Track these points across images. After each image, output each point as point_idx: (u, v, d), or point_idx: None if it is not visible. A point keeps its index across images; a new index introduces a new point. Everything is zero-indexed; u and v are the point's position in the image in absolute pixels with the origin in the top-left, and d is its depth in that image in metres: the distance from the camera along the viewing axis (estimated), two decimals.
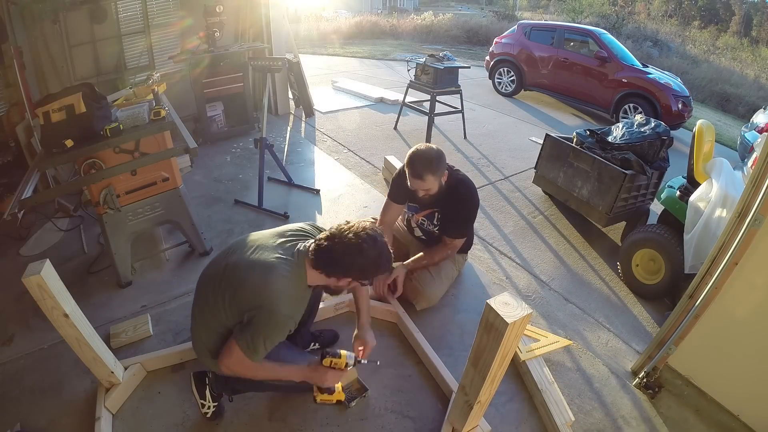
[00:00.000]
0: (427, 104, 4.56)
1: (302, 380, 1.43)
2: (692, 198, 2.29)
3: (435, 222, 2.17)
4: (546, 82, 6.65)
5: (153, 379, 1.71)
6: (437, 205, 2.11)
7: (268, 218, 2.92)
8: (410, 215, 2.27)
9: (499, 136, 4.99)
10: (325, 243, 1.30)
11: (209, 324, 1.37)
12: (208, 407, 1.53)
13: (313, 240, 1.37)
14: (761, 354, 1.61)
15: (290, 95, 5.12)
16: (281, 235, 1.44)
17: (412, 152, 1.90)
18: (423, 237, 2.28)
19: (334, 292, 1.44)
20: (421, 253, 2.18)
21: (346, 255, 1.28)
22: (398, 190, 2.14)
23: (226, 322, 1.32)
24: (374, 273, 1.37)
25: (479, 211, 3.25)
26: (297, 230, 1.48)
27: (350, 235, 1.30)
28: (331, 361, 1.42)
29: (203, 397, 1.52)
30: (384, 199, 2.30)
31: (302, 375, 1.42)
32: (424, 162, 1.86)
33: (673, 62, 11.86)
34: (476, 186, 2.20)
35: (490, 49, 7.45)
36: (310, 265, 1.34)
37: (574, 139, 3.14)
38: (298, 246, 1.39)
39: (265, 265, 1.31)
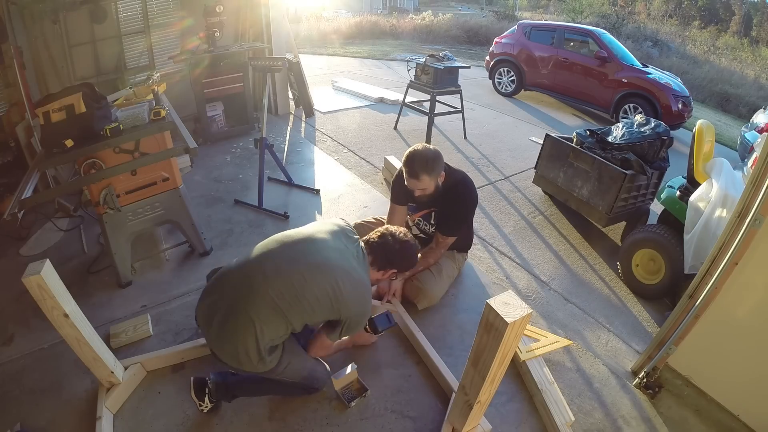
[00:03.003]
0: (427, 104, 4.56)
1: (351, 346, 1.87)
2: (692, 198, 2.29)
3: (432, 222, 2.17)
4: (546, 82, 6.65)
5: (153, 379, 1.71)
6: (435, 205, 2.12)
7: (268, 218, 2.92)
8: (408, 214, 2.27)
9: (499, 136, 4.99)
10: (381, 241, 1.59)
11: (274, 323, 1.36)
12: (205, 407, 1.55)
13: (364, 242, 1.62)
14: (761, 354, 1.61)
15: (290, 95, 5.12)
16: (338, 235, 1.57)
17: (409, 152, 1.93)
18: (422, 235, 2.29)
19: (374, 283, 1.68)
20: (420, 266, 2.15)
21: (399, 251, 1.58)
22: (398, 191, 2.15)
23: (308, 319, 1.44)
24: (410, 264, 1.67)
25: (479, 210, 3.28)
26: (338, 228, 1.61)
27: (399, 234, 1.61)
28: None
29: (201, 400, 1.54)
30: (384, 198, 2.31)
31: (347, 344, 1.87)
32: (420, 162, 1.89)
33: (673, 62, 11.85)
34: (476, 186, 2.20)
35: (490, 49, 7.45)
36: (369, 264, 1.58)
37: (574, 139, 3.14)
38: (360, 250, 1.58)
39: (352, 274, 1.46)
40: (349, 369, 1.71)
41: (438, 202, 2.09)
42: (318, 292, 1.38)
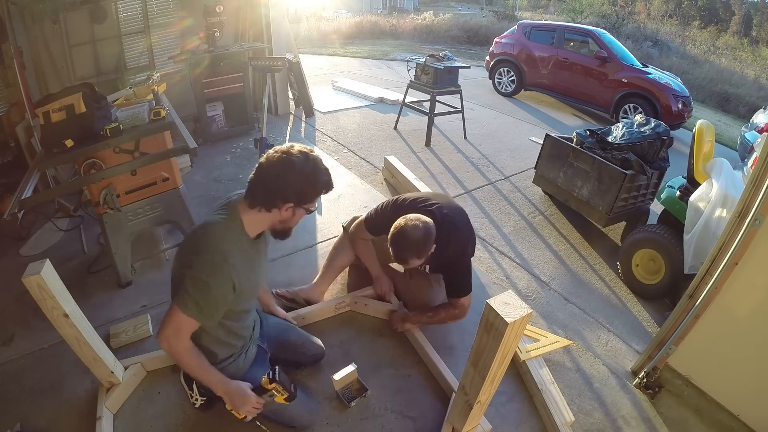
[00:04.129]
0: (427, 104, 4.56)
1: (220, 394, 1.30)
2: (692, 198, 2.29)
3: (424, 269, 1.99)
4: (546, 82, 6.65)
5: (153, 379, 1.71)
6: (425, 263, 1.88)
7: None
8: None
9: (499, 136, 4.99)
10: (255, 173, 1.23)
11: None
12: (196, 398, 1.50)
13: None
14: (761, 354, 1.61)
15: (290, 95, 5.12)
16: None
17: (397, 233, 1.65)
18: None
19: (282, 231, 1.33)
20: (430, 312, 1.96)
21: (278, 176, 1.19)
22: (378, 226, 1.95)
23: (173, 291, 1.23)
24: (313, 190, 1.26)
25: (480, 211, 3.28)
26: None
27: (277, 155, 1.20)
28: (274, 388, 1.30)
29: (191, 388, 1.49)
30: (383, 198, 2.27)
31: (222, 389, 1.29)
32: (409, 247, 1.64)
33: (673, 62, 11.86)
34: (476, 186, 2.19)
35: (490, 49, 7.45)
36: (248, 208, 1.25)
37: (574, 139, 3.14)
38: (230, 197, 1.32)
39: (200, 225, 1.26)
40: (349, 369, 1.70)
41: (430, 262, 1.88)
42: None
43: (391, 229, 1.68)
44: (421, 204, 1.87)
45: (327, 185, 1.29)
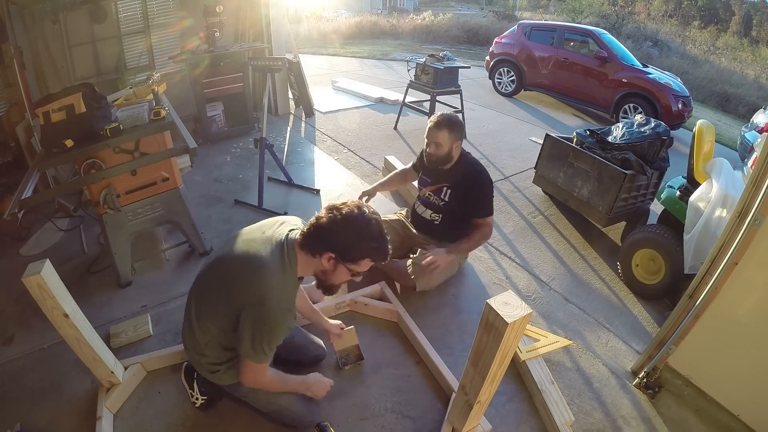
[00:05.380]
0: (427, 104, 4.56)
1: (302, 391, 1.49)
2: (692, 198, 2.29)
3: (443, 197, 2.23)
4: (546, 82, 6.66)
5: (153, 379, 1.71)
6: (448, 180, 2.20)
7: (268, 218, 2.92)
8: (420, 189, 2.38)
9: (499, 136, 4.99)
10: (315, 219, 1.23)
11: (209, 329, 1.29)
12: (196, 398, 1.54)
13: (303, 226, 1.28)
14: (761, 354, 1.61)
15: (290, 95, 5.12)
16: (270, 225, 1.37)
17: (440, 113, 2.13)
18: (425, 217, 2.30)
19: (324, 283, 1.32)
20: (464, 242, 2.19)
21: (330, 226, 1.19)
22: (419, 161, 2.39)
23: (225, 325, 1.25)
24: (359, 246, 1.22)
25: None
26: (283, 220, 1.41)
27: (346, 209, 1.21)
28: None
29: (191, 387, 1.54)
30: (384, 198, 2.32)
31: (304, 387, 1.49)
32: (446, 119, 2.08)
33: (673, 62, 11.86)
34: None
35: (490, 49, 7.45)
36: (299, 248, 1.25)
37: (574, 139, 3.14)
38: (288, 233, 1.29)
39: (256, 257, 1.22)
40: (350, 330, 1.79)
41: (451, 179, 2.20)
42: (219, 287, 1.25)
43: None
44: None
45: (376, 251, 1.24)
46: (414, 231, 2.38)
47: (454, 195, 2.21)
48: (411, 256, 2.20)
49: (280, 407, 1.45)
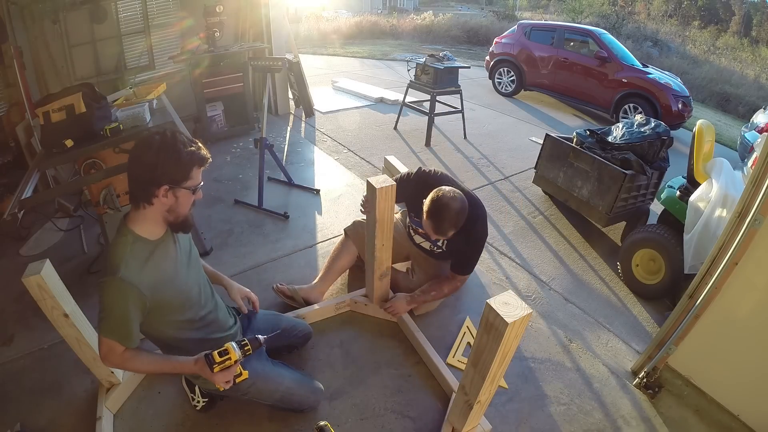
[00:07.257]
0: (427, 104, 4.56)
1: (192, 372, 1.24)
2: (692, 198, 2.29)
3: (438, 244, 2.05)
4: (546, 82, 6.65)
5: (153, 379, 1.71)
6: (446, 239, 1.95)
7: (268, 218, 2.92)
8: (411, 226, 2.13)
9: (499, 136, 4.99)
10: (127, 172, 1.18)
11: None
12: (198, 401, 1.54)
13: None
14: (761, 354, 1.61)
15: (290, 95, 5.12)
16: None
17: (439, 204, 1.68)
18: (424, 246, 2.15)
19: (177, 223, 1.24)
20: (427, 284, 2.06)
21: (139, 163, 1.15)
22: (400, 194, 1.88)
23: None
24: (178, 163, 1.15)
25: None
26: None
27: (134, 144, 1.17)
28: (221, 363, 1.19)
29: (192, 391, 1.54)
30: None
31: (190, 368, 1.23)
32: (451, 220, 1.69)
33: (673, 62, 11.86)
34: (476, 186, 2.20)
35: (490, 49, 7.45)
36: (134, 211, 1.20)
37: (574, 139, 3.14)
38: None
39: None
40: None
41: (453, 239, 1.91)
42: None
43: (429, 200, 1.71)
44: (448, 180, 1.93)
45: (192, 155, 1.18)
46: (412, 241, 2.21)
47: (450, 247, 2.02)
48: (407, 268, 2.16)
49: (282, 396, 1.49)
